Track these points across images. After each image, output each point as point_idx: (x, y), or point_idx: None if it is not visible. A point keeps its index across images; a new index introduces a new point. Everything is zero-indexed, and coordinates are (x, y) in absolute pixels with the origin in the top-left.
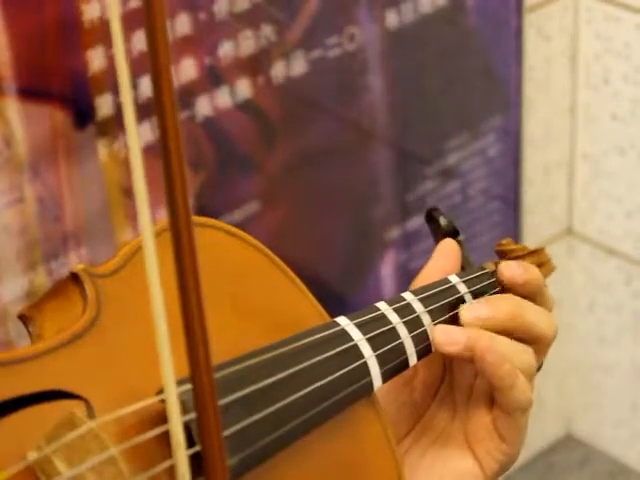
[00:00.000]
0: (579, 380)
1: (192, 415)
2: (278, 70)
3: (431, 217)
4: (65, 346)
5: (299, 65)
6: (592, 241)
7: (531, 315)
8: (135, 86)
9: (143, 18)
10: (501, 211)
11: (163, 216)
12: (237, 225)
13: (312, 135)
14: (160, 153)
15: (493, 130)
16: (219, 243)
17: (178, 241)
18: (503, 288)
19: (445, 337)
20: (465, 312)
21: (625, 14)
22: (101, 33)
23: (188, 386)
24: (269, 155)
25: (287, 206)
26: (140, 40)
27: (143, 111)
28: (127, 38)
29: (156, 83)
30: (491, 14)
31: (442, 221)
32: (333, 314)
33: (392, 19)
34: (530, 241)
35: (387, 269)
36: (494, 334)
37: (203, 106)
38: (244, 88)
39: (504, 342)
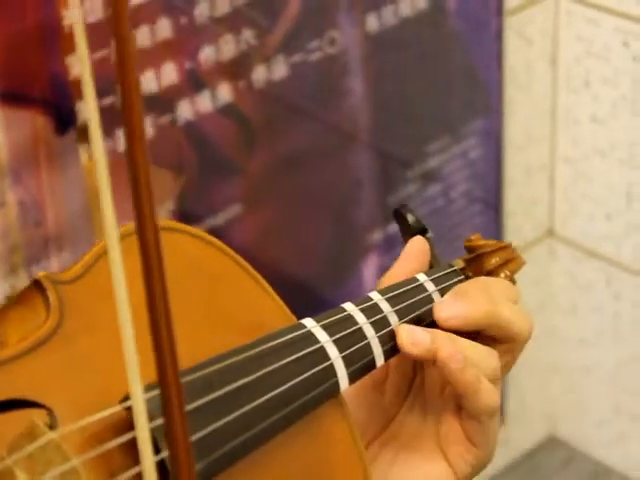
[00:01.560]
0: (561, 382)
1: (157, 422)
2: (259, 74)
3: (399, 214)
4: (27, 354)
5: (280, 69)
6: (573, 243)
7: (507, 313)
8: (115, 91)
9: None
10: (483, 214)
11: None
12: (220, 228)
13: (293, 138)
14: (126, 156)
15: (474, 133)
16: (183, 246)
17: (145, 244)
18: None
19: (408, 338)
20: (441, 312)
21: (605, 17)
22: None
23: (154, 392)
24: (251, 158)
25: (269, 209)
26: None
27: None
28: (108, 43)
29: (122, 88)
30: (471, 17)
31: (410, 218)
32: (315, 316)
33: (372, 23)
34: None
35: (369, 272)
36: (458, 337)
37: (184, 110)
38: (225, 92)
39: (468, 346)
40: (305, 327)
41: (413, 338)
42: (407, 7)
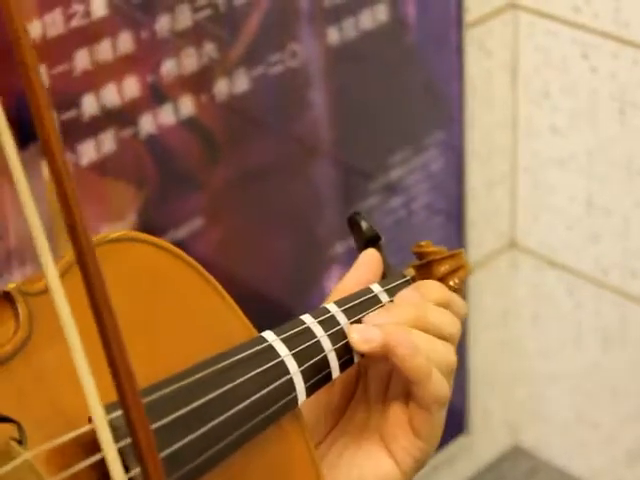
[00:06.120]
0: (525, 391)
1: (126, 441)
2: (221, 87)
3: (353, 222)
4: None
5: (241, 82)
6: (535, 253)
7: (434, 319)
8: (78, 104)
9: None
10: (444, 225)
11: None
12: (182, 241)
13: (255, 151)
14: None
15: (436, 145)
16: (146, 257)
17: (85, 267)
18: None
19: (360, 335)
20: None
21: (563, 29)
22: (42, 52)
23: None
24: (213, 172)
25: (231, 222)
26: (82, 59)
27: (87, 129)
28: (70, 57)
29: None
30: (432, 30)
31: (364, 225)
32: (274, 329)
33: (333, 35)
34: (474, 255)
35: (331, 284)
36: (409, 328)
37: (146, 124)
38: (187, 105)
39: (420, 336)
40: (266, 341)
41: (365, 335)
42: (368, 20)
